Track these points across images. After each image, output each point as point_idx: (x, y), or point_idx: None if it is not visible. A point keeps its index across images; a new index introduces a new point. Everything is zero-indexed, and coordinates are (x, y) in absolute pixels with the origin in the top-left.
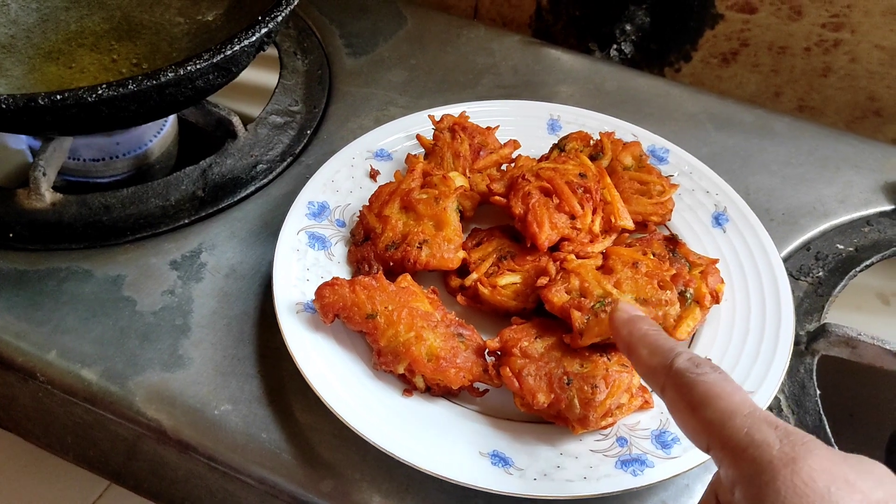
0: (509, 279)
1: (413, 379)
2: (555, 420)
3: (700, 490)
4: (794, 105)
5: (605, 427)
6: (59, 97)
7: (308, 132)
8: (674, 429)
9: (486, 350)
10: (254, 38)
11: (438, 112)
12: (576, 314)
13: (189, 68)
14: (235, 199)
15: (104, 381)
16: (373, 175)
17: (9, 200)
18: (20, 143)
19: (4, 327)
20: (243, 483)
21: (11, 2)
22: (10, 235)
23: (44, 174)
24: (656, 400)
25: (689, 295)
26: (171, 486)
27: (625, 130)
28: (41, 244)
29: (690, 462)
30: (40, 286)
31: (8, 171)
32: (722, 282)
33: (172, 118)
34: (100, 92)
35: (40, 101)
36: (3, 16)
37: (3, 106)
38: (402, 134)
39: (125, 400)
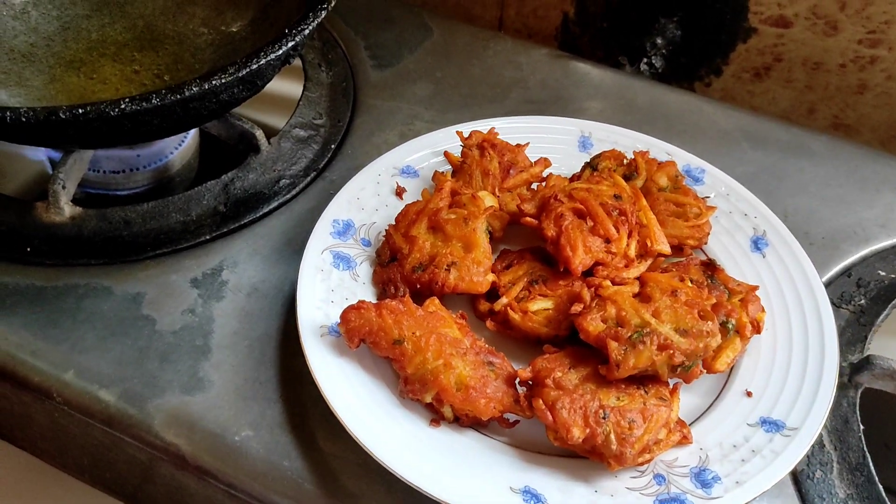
0: (541, 305)
1: (441, 408)
2: (589, 455)
3: None
4: (829, 122)
5: (641, 463)
6: (80, 111)
7: (332, 146)
8: (714, 467)
9: (518, 379)
10: (280, 52)
11: (467, 128)
12: (612, 345)
13: (214, 82)
14: (258, 215)
15: (122, 402)
16: (399, 193)
17: (27, 214)
18: (39, 154)
19: (21, 345)
20: None
21: (32, 9)
22: (29, 250)
23: (63, 187)
24: (695, 435)
25: (730, 326)
26: None
27: (659, 149)
28: (60, 259)
29: (733, 503)
30: (58, 303)
31: (26, 183)
32: (763, 310)
33: (194, 131)
34: (122, 106)
35: (62, 114)
36: (23, 24)
37: (24, 119)
38: (429, 150)
39: (143, 423)
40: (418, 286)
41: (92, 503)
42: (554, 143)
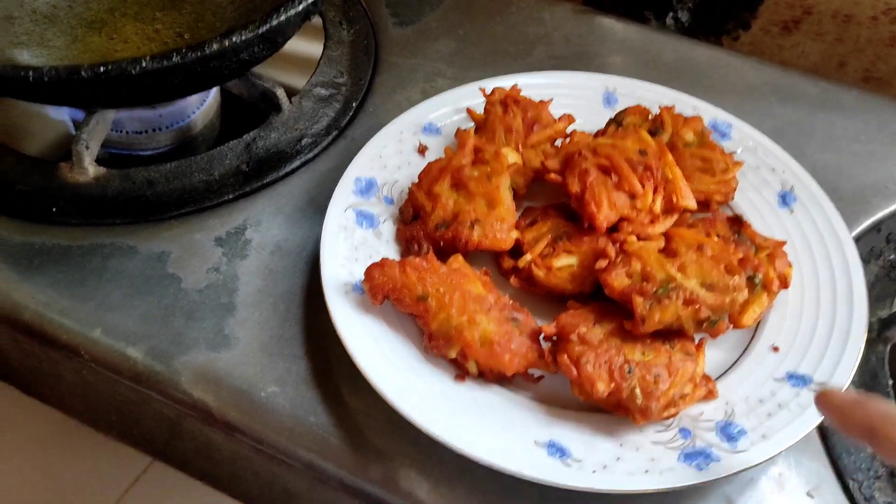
0: (565, 261)
1: (465, 364)
2: (614, 410)
3: (766, 482)
4: (860, 76)
5: (667, 417)
6: (102, 69)
7: (354, 105)
8: (740, 421)
9: (542, 335)
10: (300, 8)
11: (489, 84)
12: (638, 300)
13: (234, 40)
14: (280, 174)
15: (150, 360)
16: (421, 150)
17: (51, 174)
18: (61, 114)
19: (48, 304)
20: (290, 466)
21: None
22: (53, 210)
23: (87, 147)
24: (721, 390)
25: (757, 280)
26: (217, 467)
27: (685, 104)
28: (84, 219)
29: (759, 456)
30: (84, 262)
31: (49, 143)
32: (790, 265)
33: (215, 90)
34: (143, 64)
35: (83, 73)
36: None
37: (46, 78)
38: (452, 107)
39: (171, 380)
40: (442, 244)
41: (120, 458)
42: (578, 98)
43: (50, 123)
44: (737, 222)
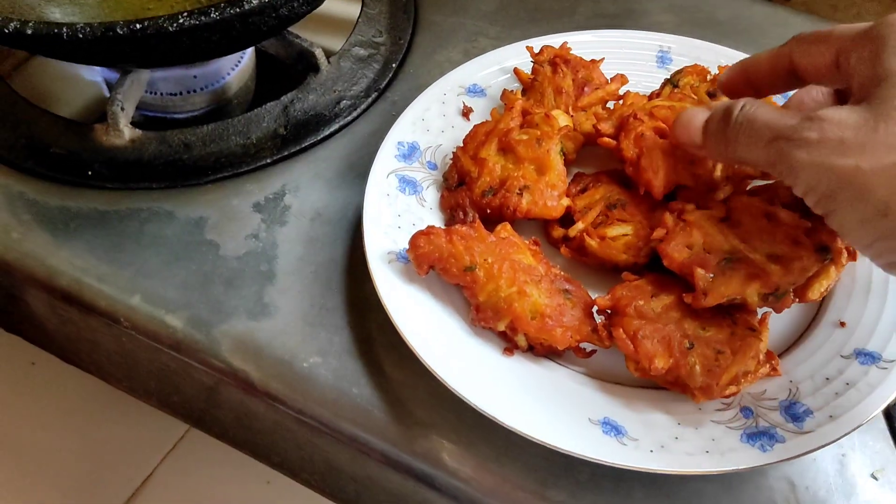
0: (619, 230)
1: (515, 337)
2: (671, 387)
3: (828, 463)
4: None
5: (728, 396)
6: (139, 26)
7: (393, 65)
8: (806, 400)
9: (595, 308)
10: None
11: (537, 43)
12: (699, 272)
13: None
14: (319, 138)
15: (189, 328)
16: (466, 113)
17: (86, 136)
18: (95, 74)
19: (87, 269)
20: (333, 439)
21: None
22: (89, 173)
23: (122, 109)
24: (784, 367)
25: (826, 254)
26: (257, 436)
27: None
28: (121, 183)
29: (827, 437)
30: (121, 227)
31: (84, 105)
32: None
33: (250, 51)
34: (181, 21)
35: (119, 30)
36: None
37: (81, 35)
38: (497, 67)
39: (211, 349)
40: (488, 211)
41: (159, 425)
42: (630, 58)
43: (83, 85)
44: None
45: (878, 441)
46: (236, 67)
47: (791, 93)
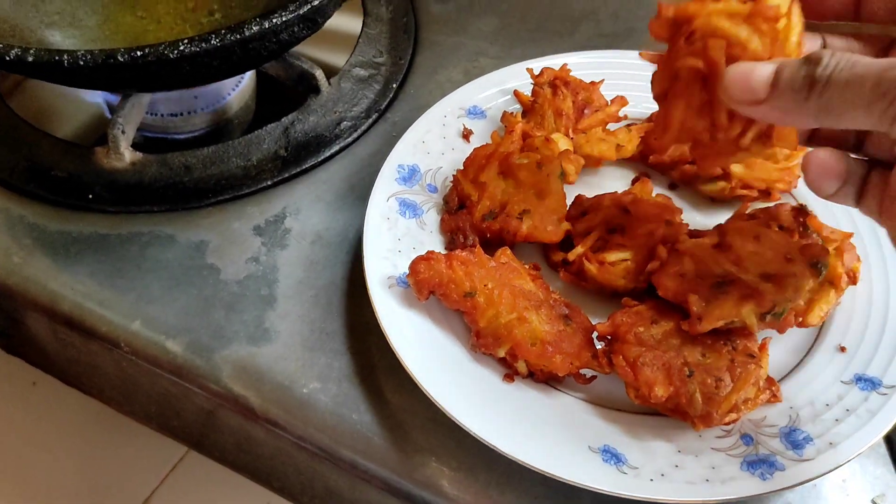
0: (618, 256)
1: (515, 363)
2: (671, 414)
3: (829, 490)
4: None
5: (728, 423)
6: (139, 53)
7: (394, 86)
8: (806, 427)
9: (595, 334)
10: None
11: (537, 65)
12: (693, 298)
13: (274, 21)
14: (319, 160)
15: (190, 353)
16: (466, 135)
17: (87, 159)
18: (96, 97)
19: (88, 294)
20: (333, 465)
21: None
22: (90, 196)
23: (123, 132)
24: (785, 394)
25: (821, 268)
26: (257, 461)
27: None
28: (122, 206)
29: (827, 465)
30: (122, 251)
31: (84, 127)
32: (858, 259)
33: (250, 72)
34: (181, 48)
35: (120, 57)
36: None
37: (82, 63)
38: (497, 89)
39: (212, 375)
40: (488, 235)
41: (158, 448)
42: (631, 79)
43: (84, 106)
44: (801, 212)
45: (879, 466)
46: (237, 88)
47: None
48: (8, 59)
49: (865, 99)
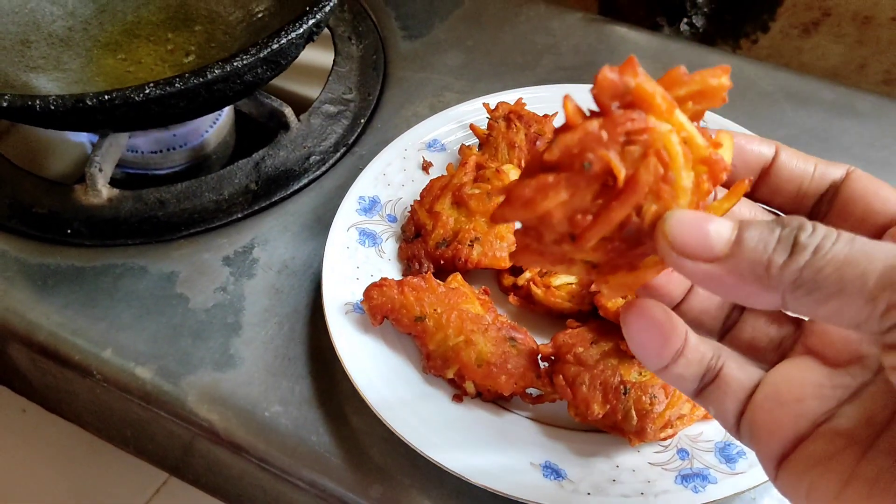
0: (564, 279)
1: (463, 384)
2: (610, 430)
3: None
4: (881, 78)
5: (664, 439)
6: (106, 97)
7: (362, 121)
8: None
9: (540, 355)
10: (301, 30)
11: (493, 99)
12: None
13: (236, 64)
14: (288, 193)
15: (158, 379)
16: (425, 167)
17: (66, 196)
18: (80, 137)
19: (62, 324)
20: (294, 485)
21: None
22: (69, 231)
23: (100, 170)
24: None
25: None
26: (227, 483)
27: None
28: (98, 240)
29: (757, 478)
30: (97, 283)
31: (68, 166)
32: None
33: (228, 108)
34: (147, 91)
35: (88, 101)
36: (61, 8)
37: (53, 107)
38: (456, 123)
39: (178, 400)
40: (442, 262)
41: (140, 473)
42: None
43: (69, 146)
44: None
45: None
46: (214, 125)
47: None
48: None
49: (868, 288)
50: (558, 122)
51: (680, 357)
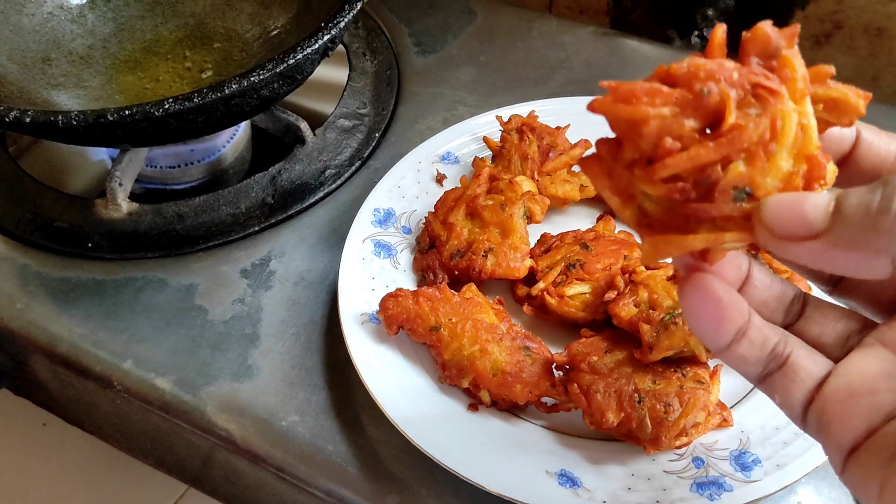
0: (578, 289)
1: (478, 393)
2: (626, 439)
3: None
4: (893, 90)
5: (679, 447)
6: (127, 112)
7: (376, 135)
8: (755, 449)
9: (554, 364)
10: (317, 46)
11: (506, 112)
12: (644, 327)
13: (253, 79)
14: (304, 206)
15: (177, 390)
16: (439, 180)
17: (87, 211)
18: (100, 153)
19: (84, 336)
20: (311, 494)
21: (88, 12)
22: (89, 245)
23: (120, 185)
24: (736, 418)
25: None
26: (245, 493)
27: None
28: (118, 253)
29: (772, 486)
30: (117, 296)
31: (89, 180)
32: (809, 288)
33: (244, 123)
34: (166, 106)
35: (109, 116)
36: (81, 27)
37: (74, 122)
38: (470, 136)
39: (197, 410)
40: (456, 272)
41: (159, 485)
42: (596, 123)
43: (89, 161)
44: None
45: (835, 488)
46: (231, 140)
47: None
48: (7, 120)
49: None
50: (572, 133)
51: (743, 337)
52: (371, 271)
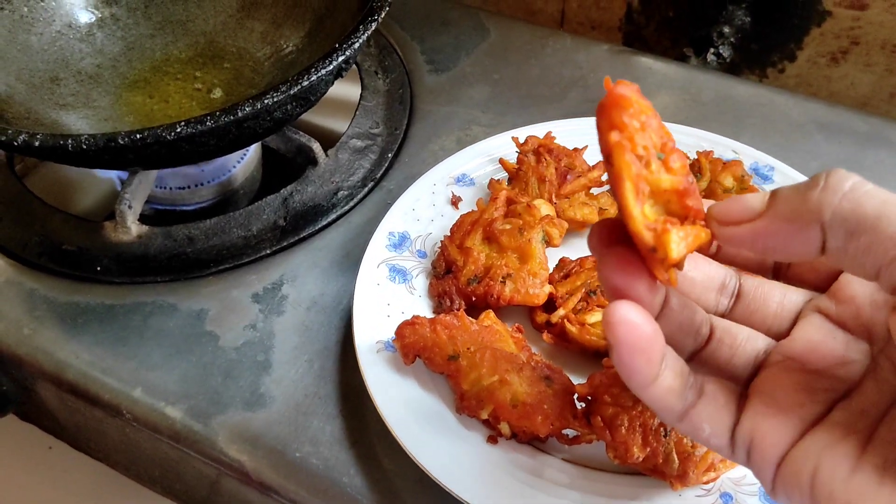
0: (599, 317)
1: (498, 425)
2: (651, 473)
3: None
4: None
5: (707, 482)
6: (138, 136)
7: (389, 155)
8: None
9: (576, 395)
10: (331, 67)
11: (522, 133)
12: None
13: (266, 101)
14: (317, 228)
15: (188, 419)
16: (455, 202)
17: (96, 234)
18: (109, 174)
19: (92, 363)
20: None
21: (97, 31)
22: (98, 269)
23: (130, 207)
24: None
25: None
26: None
27: (724, 147)
28: (127, 277)
29: None
30: (126, 321)
31: (97, 202)
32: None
33: (255, 144)
34: (178, 129)
35: (120, 140)
36: (90, 46)
37: (85, 146)
38: (485, 157)
39: (208, 439)
40: (474, 299)
41: None
42: None
43: (98, 183)
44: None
45: None
46: (242, 160)
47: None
48: (16, 144)
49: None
50: (589, 155)
51: (666, 369)
52: (386, 297)
